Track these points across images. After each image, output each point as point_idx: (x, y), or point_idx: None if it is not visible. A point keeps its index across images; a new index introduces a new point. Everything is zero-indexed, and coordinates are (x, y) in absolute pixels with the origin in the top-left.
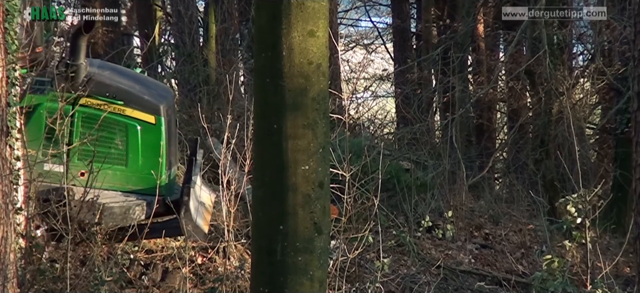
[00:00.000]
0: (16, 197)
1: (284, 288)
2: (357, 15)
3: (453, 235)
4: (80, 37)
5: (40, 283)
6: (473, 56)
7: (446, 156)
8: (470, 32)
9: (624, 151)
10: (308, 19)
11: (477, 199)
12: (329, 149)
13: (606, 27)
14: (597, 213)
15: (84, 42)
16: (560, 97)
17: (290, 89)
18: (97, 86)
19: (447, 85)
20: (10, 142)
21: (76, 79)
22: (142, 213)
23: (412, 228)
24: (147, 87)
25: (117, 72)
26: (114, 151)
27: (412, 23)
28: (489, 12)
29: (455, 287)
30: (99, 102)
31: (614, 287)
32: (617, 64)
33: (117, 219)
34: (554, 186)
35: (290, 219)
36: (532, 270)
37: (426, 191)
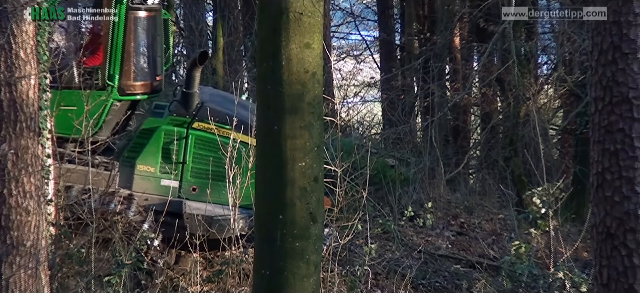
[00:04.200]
0: (47, 190)
1: (283, 271)
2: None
3: (432, 223)
4: (195, 68)
5: (68, 265)
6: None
7: (426, 154)
8: (448, 44)
9: (583, 149)
10: (304, 33)
11: (453, 192)
12: (323, 147)
13: (567, 40)
14: (559, 204)
15: (198, 72)
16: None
17: (288, 94)
18: (209, 112)
19: (427, 91)
20: (42, 141)
21: (190, 106)
22: (245, 225)
23: (396, 217)
24: (251, 112)
25: (225, 99)
26: (221, 170)
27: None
28: (464, 26)
29: (434, 269)
30: (209, 126)
31: (574, 270)
32: (577, 72)
33: (223, 230)
34: (521, 180)
35: (289, 209)
36: (502, 255)
37: (409, 184)
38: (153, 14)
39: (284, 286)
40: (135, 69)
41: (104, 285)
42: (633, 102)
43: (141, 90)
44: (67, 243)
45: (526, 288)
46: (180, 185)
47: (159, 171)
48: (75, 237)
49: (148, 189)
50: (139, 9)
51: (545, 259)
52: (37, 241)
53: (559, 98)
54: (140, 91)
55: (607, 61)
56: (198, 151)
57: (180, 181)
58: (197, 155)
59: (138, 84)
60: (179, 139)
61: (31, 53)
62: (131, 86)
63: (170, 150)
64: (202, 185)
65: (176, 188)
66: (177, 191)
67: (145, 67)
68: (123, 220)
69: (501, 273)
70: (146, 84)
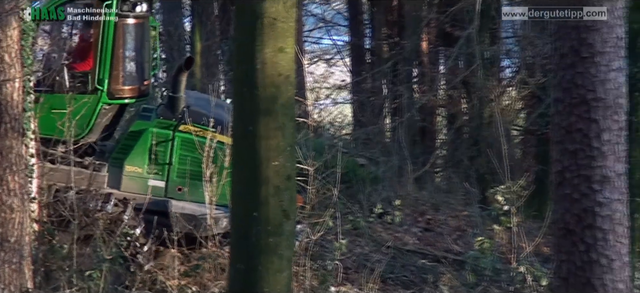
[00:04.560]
0: (31, 188)
1: (257, 266)
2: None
3: (400, 220)
4: (181, 73)
5: (50, 260)
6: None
7: (395, 154)
8: (416, 49)
9: (544, 149)
10: (278, 38)
11: (420, 190)
12: (296, 147)
13: (529, 44)
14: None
15: (184, 77)
16: (491, 103)
17: (263, 96)
18: (194, 115)
19: (395, 93)
20: (26, 141)
21: (176, 109)
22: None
23: (366, 214)
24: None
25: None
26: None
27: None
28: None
29: (402, 264)
30: (194, 129)
31: (535, 264)
32: (538, 75)
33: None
34: (485, 178)
35: (263, 207)
36: (467, 250)
37: (378, 183)
38: (141, 21)
39: (258, 280)
40: (124, 73)
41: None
42: (591, 104)
43: (130, 94)
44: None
45: (489, 281)
46: (167, 185)
47: (146, 172)
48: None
49: (136, 189)
50: (128, 16)
51: (507, 254)
52: (21, 237)
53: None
54: (128, 95)
55: (566, 65)
56: (183, 152)
57: (166, 181)
58: (183, 156)
59: (126, 89)
60: (166, 141)
61: (16, 57)
62: (120, 90)
63: (157, 152)
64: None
65: (163, 188)
66: (163, 191)
67: (133, 72)
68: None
69: (466, 268)
70: (134, 89)
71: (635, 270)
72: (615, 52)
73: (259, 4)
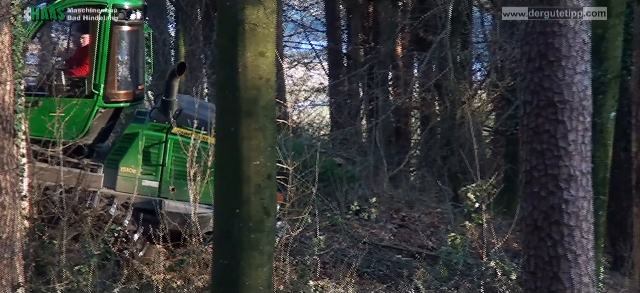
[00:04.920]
0: (22, 187)
1: (239, 261)
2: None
3: (376, 216)
4: (173, 78)
5: (40, 256)
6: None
7: (371, 153)
8: (390, 53)
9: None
10: (259, 42)
11: (395, 188)
12: (276, 147)
13: (499, 49)
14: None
15: (176, 82)
16: (462, 105)
17: (244, 99)
18: (185, 118)
19: (371, 96)
20: (17, 142)
21: (169, 113)
22: None
23: (343, 211)
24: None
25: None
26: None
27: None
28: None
29: (377, 259)
30: (186, 131)
31: (505, 259)
32: (508, 78)
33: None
34: (457, 177)
35: (245, 205)
36: (440, 245)
37: (354, 181)
38: (136, 28)
39: (240, 274)
40: (119, 78)
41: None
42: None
43: (124, 98)
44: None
45: (461, 276)
46: (160, 185)
47: (140, 172)
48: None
49: (130, 189)
50: (123, 23)
51: (478, 249)
52: (12, 234)
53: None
54: (123, 99)
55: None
56: (176, 154)
57: (160, 181)
58: (175, 158)
59: (122, 93)
60: (159, 143)
61: (7, 61)
62: (115, 94)
63: (151, 153)
64: (180, 185)
65: (156, 188)
66: (157, 191)
67: (128, 77)
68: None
69: (439, 262)
70: (129, 93)
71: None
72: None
73: (241, 11)
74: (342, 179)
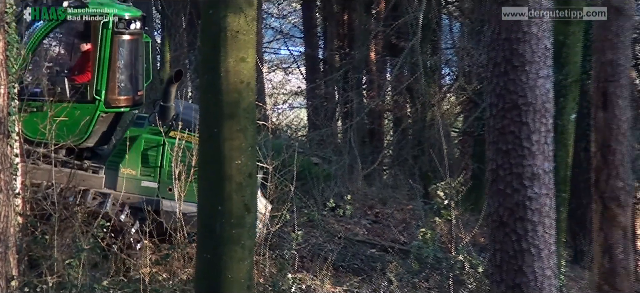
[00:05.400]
0: (15, 185)
1: (222, 255)
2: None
3: (351, 213)
4: (171, 84)
5: (33, 250)
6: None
7: (346, 153)
8: (364, 58)
9: (480, 149)
10: (240, 48)
11: (369, 186)
12: (256, 148)
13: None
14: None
15: (174, 88)
16: (432, 108)
17: (227, 102)
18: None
19: (346, 99)
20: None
21: (167, 117)
22: None
23: (320, 208)
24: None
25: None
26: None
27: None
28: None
29: (352, 253)
30: (183, 135)
31: (472, 253)
32: (475, 82)
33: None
34: (428, 175)
35: (227, 202)
36: (411, 240)
37: (330, 179)
38: (135, 37)
39: (222, 268)
40: (120, 85)
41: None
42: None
43: (125, 103)
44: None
45: (431, 269)
46: (159, 186)
47: (139, 174)
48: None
49: (130, 189)
50: (123, 33)
51: (447, 244)
52: (6, 229)
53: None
54: (124, 104)
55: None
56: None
57: (158, 182)
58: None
59: (122, 98)
60: (157, 146)
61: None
62: (116, 100)
63: (150, 156)
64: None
65: (155, 189)
66: (155, 191)
67: (128, 83)
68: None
69: (410, 256)
70: (129, 98)
71: (561, 258)
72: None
73: (223, 19)
74: (318, 177)
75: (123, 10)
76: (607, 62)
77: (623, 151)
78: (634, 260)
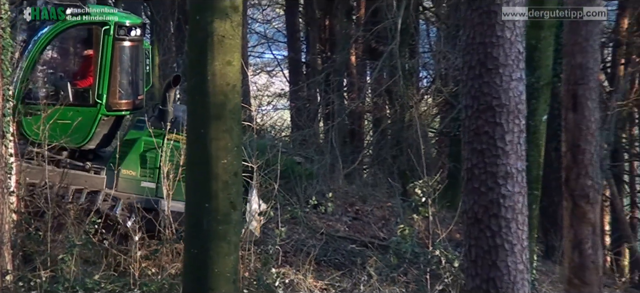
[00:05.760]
0: (10, 183)
1: (208, 250)
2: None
3: (332, 210)
4: (169, 89)
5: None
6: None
7: (327, 153)
8: (345, 62)
9: (456, 148)
10: (226, 52)
11: (350, 184)
12: (242, 147)
13: (443, 58)
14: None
15: (172, 92)
16: (410, 109)
17: (213, 103)
18: (180, 125)
19: (328, 100)
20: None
21: (165, 120)
22: None
23: (303, 205)
24: None
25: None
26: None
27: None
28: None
29: (334, 248)
30: (181, 137)
31: (448, 248)
32: (451, 84)
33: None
34: (406, 174)
35: (213, 199)
36: (390, 236)
37: (313, 178)
38: (136, 43)
39: (209, 262)
40: (121, 89)
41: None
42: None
43: (125, 107)
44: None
45: (409, 263)
46: (157, 186)
47: (139, 175)
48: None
49: (130, 190)
50: (124, 39)
51: (425, 239)
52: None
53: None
54: (124, 108)
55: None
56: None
57: (157, 183)
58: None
59: (123, 102)
60: (156, 148)
61: None
62: (117, 104)
63: (149, 157)
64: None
65: (154, 189)
66: (154, 192)
67: (128, 88)
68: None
69: (389, 251)
70: (129, 102)
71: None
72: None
73: (210, 24)
74: (301, 176)
75: (124, 18)
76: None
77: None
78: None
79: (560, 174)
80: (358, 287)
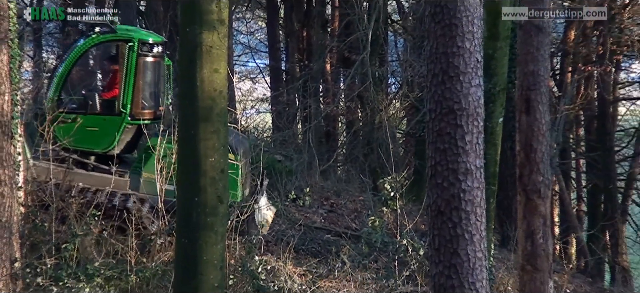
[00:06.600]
0: (18, 179)
1: (198, 240)
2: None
3: (310, 203)
4: None
5: (34, 236)
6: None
7: (305, 152)
8: (321, 70)
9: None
10: (214, 61)
11: (325, 180)
12: (228, 147)
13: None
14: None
15: None
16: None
17: (202, 107)
18: None
19: (305, 105)
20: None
21: None
22: None
23: (283, 199)
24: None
25: None
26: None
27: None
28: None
29: (311, 238)
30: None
31: (415, 238)
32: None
33: None
34: (376, 171)
35: (202, 194)
36: (362, 227)
37: (292, 174)
38: (157, 59)
39: (198, 251)
40: (143, 100)
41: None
42: (457, 113)
43: (148, 117)
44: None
45: (379, 252)
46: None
47: None
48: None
49: (151, 191)
50: (147, 55)
51: (393, 230)
52: (10, 218)
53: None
54: (147, 117)
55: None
56: None
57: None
58: None
59: (145, 112)
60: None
61: (5, 76)
62: (140, 113)
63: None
64: None
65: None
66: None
67: (150, 99)
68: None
69: (361, 241)
70: (151, 112)
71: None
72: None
73: (199, 35)
74: (281, 173)
75: (147, 36)
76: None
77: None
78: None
79: (514, 171)
80: (333, 272)
